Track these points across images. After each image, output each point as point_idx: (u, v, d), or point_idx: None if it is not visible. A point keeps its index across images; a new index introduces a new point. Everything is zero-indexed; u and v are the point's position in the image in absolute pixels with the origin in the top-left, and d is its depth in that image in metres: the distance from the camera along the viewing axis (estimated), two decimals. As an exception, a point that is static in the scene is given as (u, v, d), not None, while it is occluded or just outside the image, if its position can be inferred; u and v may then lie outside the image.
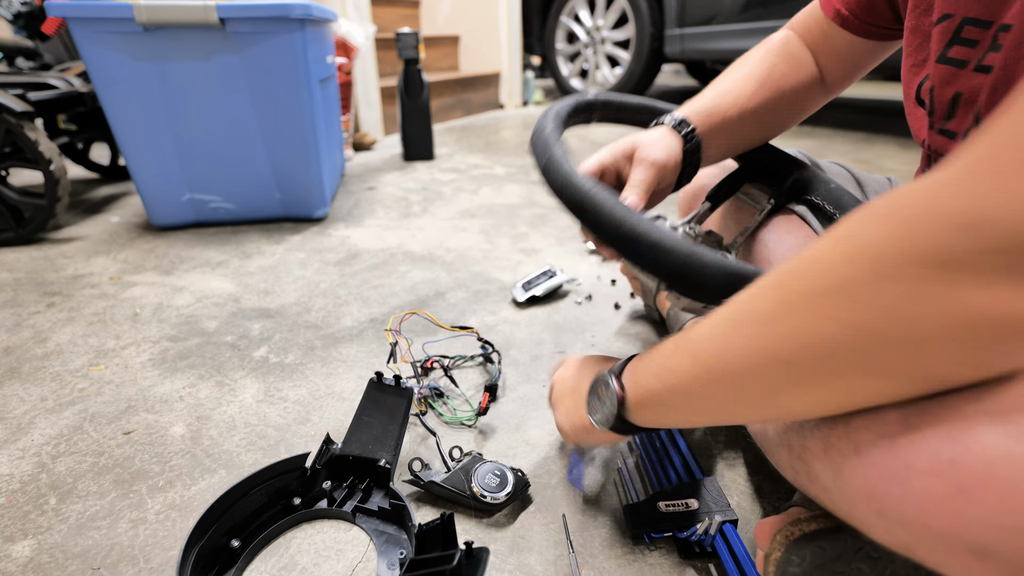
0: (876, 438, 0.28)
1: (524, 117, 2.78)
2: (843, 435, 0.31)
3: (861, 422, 0.30)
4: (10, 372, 0.72)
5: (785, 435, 0.39)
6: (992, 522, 0.22)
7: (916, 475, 0.25)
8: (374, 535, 0.48)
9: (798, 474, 0.37)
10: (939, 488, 0.24)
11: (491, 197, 1.47)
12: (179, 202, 1.21)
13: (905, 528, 0.26)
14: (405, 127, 1.85)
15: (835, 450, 0.31)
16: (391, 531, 0.48)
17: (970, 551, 0.24)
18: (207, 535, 0.44)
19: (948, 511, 0.24)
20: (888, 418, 0.28)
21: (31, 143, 1.06)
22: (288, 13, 1.03)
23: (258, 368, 0.73)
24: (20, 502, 0.52)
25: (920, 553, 0.27)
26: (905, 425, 0.27)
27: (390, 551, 0.46)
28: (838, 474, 0.31)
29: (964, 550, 0.24)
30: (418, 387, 0.65)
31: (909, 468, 0.26)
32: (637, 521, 0.48)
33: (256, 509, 0.49)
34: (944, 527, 0.24)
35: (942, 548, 0.25)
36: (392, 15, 2.64)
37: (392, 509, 0.49)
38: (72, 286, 0.96)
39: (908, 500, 0.26)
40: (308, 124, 1.17)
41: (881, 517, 0.28)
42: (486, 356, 0.73)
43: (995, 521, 0.22)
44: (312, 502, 0.50)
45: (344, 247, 1.14)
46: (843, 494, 0.31)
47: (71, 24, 1.00)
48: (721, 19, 2.27)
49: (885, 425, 0.28)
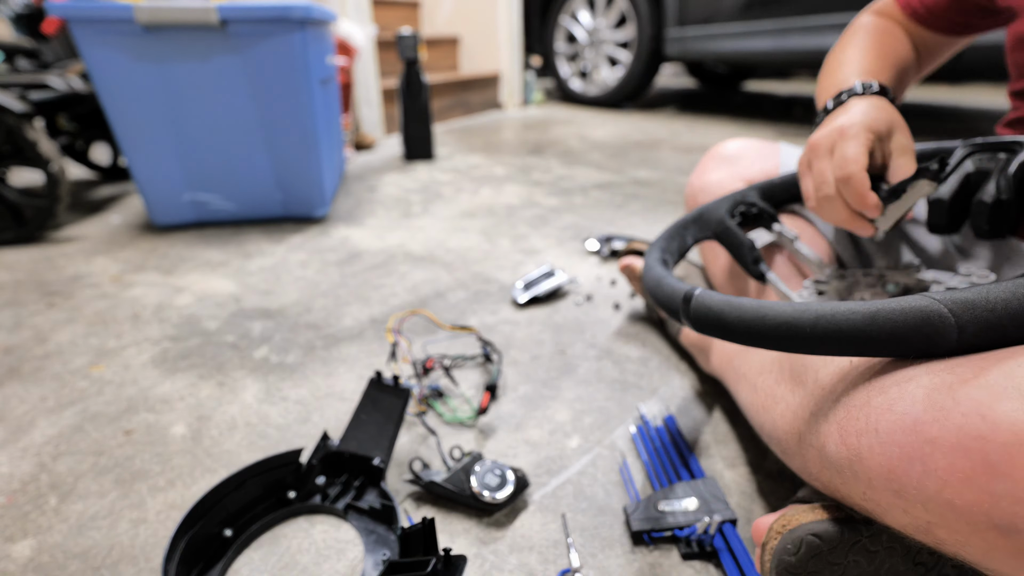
0: (898, 418, 0.28)
1: (524, 117, 2.78)
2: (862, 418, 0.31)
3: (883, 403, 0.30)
4: (10, 372, 0.72)
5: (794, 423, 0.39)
6: (1020, 497, 0.22)
7: (940, 452, 0.25)
8: (364, 533, 0.48)
9: (807, 462, 0.37)
10: (965, 464, 0.24)
11: (491, 197, 1.47)
12: (180, 202, 1.21)
13: (925, 507, 0.26)
14: (405, 127, 1.86)
15: (852, 433, 0.31)
16: (380, 531, 0.48)
17: (995, 527, 0.23)
18: (199, 523, 0.45)
19: (974, 487, 0.24)
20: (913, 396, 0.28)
21: (31, 143, 1.06)
22: (288, 14, 1.03)
23: (259, 368, 0.73)
24: (20, 502, 0.52)
25: (940, 533, 0.26)
26: (930, 403, 0.27)
27: (377, 550, 0.47)
28: (855, 456, 0.31)
29: (989, 526, 0.24)
30: (418, 387, 0.65)
31: (933, 445, 0.26)
32: (637, 521, 0.48)
33: (250, 501, 0.49)
34: (968, 503, 0.24)
35: (965, 525, 0.25)
36: (392, 16, 2.64)
37: (382, 509, 0.49)
38: (72, 286, 0.96)
39: (931, 477, 0.26)
40: (308, 124, 1.17)
41: (900, 497, 0.28)
42: (486, 356, 0.73)
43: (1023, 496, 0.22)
44: (306, 497, 0.51)
45: (345, 247, 1.14)
46: (859, 476, 0.31)
47: (71, 25, 1.00)
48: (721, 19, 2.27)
49: (909, 404, 0.28)
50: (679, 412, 0.64)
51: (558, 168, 1.77)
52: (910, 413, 0.28)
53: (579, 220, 1.28)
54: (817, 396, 0.37)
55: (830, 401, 0.35)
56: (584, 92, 3.01)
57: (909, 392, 0.29)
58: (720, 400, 0.66)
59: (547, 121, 2.63)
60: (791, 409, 0.40)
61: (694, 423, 0.63)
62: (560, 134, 2.29)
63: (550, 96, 3.43)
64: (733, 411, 0.64)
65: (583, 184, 1.58)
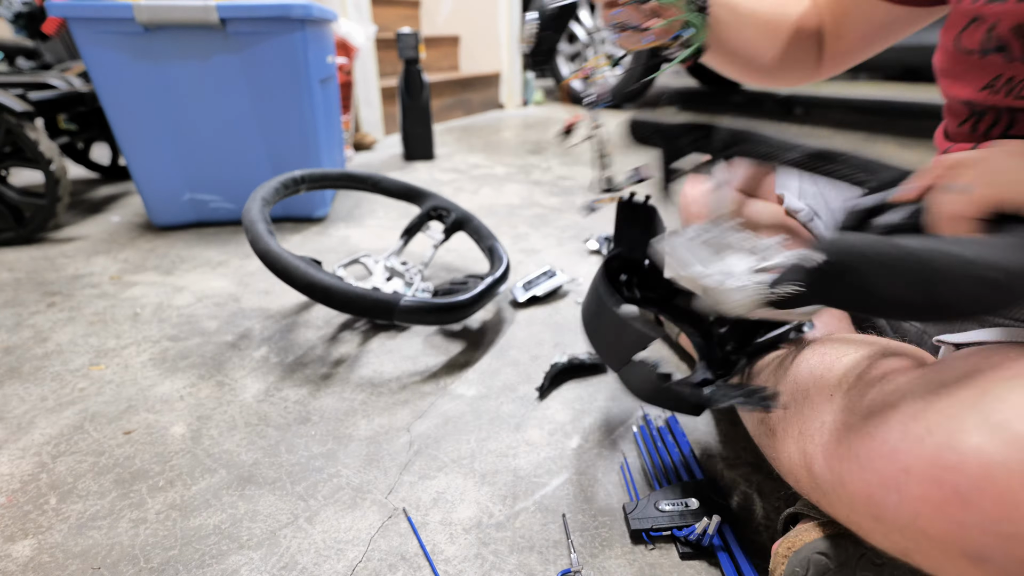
0: (877, 445, 0.29)
1: (524, 117, 2.78)
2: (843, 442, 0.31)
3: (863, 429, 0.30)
4: (10, 372, 0.72)
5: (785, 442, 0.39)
6: (989, 528, 0.23)
7: (914, 481, 0.26)
8: None
9: (799, 480, 0.37)
10: (937, 494, 0.25)
11: (491, 197, 1.47)
12: (179, 202, 1.21)
13: (902, 533, 0.27)
14: (405, 127, 1.86)
15: (835, 457, 0.32)
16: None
17: (966, 556, 0.24)
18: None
19: (945, 516, 0.24)
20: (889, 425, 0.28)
21: (31, 143, 1.06)
22: (288, 13, 1.03)
23: (258, 368, 0.73)
24: (20, 502, 0.52)
25: (917, 558, 0.27)
26: (905, 432, 0.27)
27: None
28: (838, 480, 0.31)
29: (960, 555, 0.24)
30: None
31: (907, 474, 0.26)
32: (636, 519, 0.48)
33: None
34: (941, 532, 0.24)
35: (938, 553, 0.25)
36: (392, 15, 2.64)
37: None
38: (72, 286, 0.96)
39: (905, 505, 0.26)
40: (308, 124, 1.17)
41: (879, 522, 0.28)
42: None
43: (992, 527, 0.23)
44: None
45: (344, 247, 1.14)
46: (842, 499, 0.31)
47: (71, 24, 1.00)
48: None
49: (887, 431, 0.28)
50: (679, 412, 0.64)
51: (558, 168, 1.77)
52: (888, 441, 0.28)
53: (579, 220, 1.28)
54: (806, 415, 0.37)
55: (816, 423, 0.35)
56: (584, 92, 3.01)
57: (887, 419, 0.29)
58: (720, 400, 0.66)
59: (547, 121, 2.63)
60: (783, 426, 0.40)
61: (695, 423, 0.63)
62: (560, 134, 2.29)
63: (550, 96, 3.43)
64: (733, 411, 0.64)
65: (583, 184, 1.58)
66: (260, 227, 0.70)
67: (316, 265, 0.72)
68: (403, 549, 0.48)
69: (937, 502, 0.24)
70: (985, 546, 0.23)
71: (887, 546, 0.29)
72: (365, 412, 0.65)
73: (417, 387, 0.69)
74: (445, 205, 0.96)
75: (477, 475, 0.55)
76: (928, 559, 0.26)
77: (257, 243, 0.68)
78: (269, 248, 0.67)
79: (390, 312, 0.66)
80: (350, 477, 0.55)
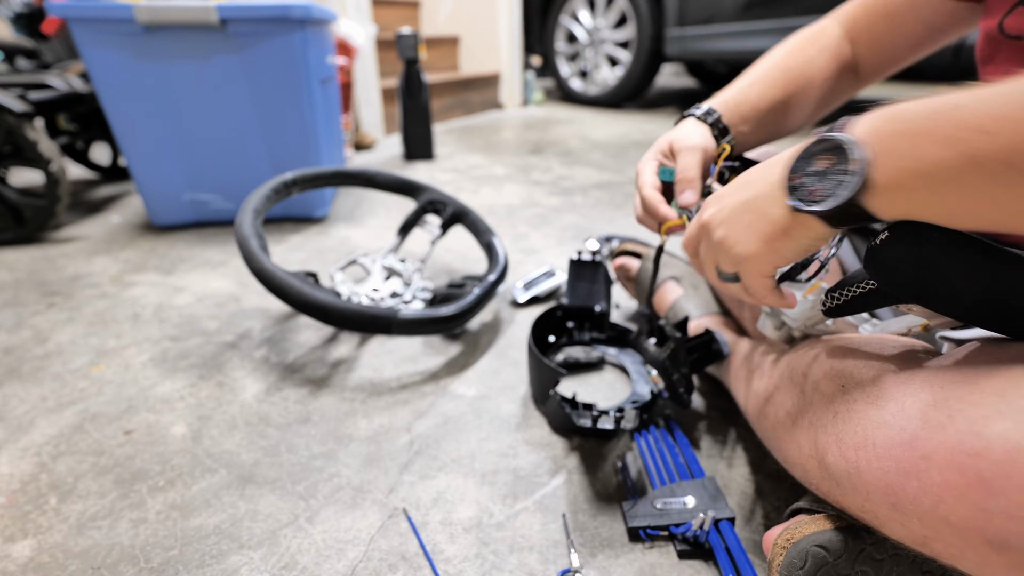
0: (895, 432, 0.28)
1: (524, 117, 2.78)
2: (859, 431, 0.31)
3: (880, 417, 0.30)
4: (10, 372, 0.72)
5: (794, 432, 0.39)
6: (1014, 514, 0.23)
7: (936, 468, 0.26)
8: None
9: (808, 472, 0.37)
10: (959, 481, 0.25)
11: (491, 197, 1.47)
12: (179, 202, 1.21)
13: (922, 521, 0.27)
14: (405, 127, 1.86)
15: (851, 446, 0.32)
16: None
17: (988, 543, 0.24)
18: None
19: (968, 503, 0.24)
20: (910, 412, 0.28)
21: (31, 143, 1.06)
22: (288, 14, 1.03)
23: (259, 368, 0.73)
24: (20, 502, 0.52)
25: (936, 546, 0.27)
26: (925, 419, 0.27)
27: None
28: (854, 468, 0.31)
29: (982, 542, 0.24)
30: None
31: (928, 461, 0.26)
32: (634, 517, 0.48)
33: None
34: (963, 519, 0.24)
35: (959, 540, 0.25)
36: (392, 15, 2.64)
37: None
38: (72, 286, 0.96)
39: (926, 493, 0.26)
40: (308, 124, 1.17)
41: (896, 511, 0.28)
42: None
43: (1016, 513, 0.23)
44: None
45: (344, 247, 1.14)
46: (857, 488, 0.31)
47: (71, 24, 1.00)
48: (721, 19, 2.27)
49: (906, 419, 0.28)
50: (680, 411, 0.64)
51: (558, 168, 1.77)
52: (907, 428, 0.28)
53: (579, 220, 1.28)
54: (817, 405, 0.37)
55: (829, 413, 0.35)
56: (584, 92, 3.01)
57: (906, 407, 0.29)
58: (720, 400, 0.66)
59: (547, 121, 2.62)
60: (791, 417, 0.40)
61: (695, 423, 0.63)
62: (560, 134, 2.29)
63: (550, 96, 3.43)
64: (733, 411, 0.64)
65: (583, 184, 1.58)
66: (253, 243, 0.69)
67: (311, 280, 0.72)
68: (403, 549, 0.48)
69: (960, 489, 0.24)
70: (1009, 533, 0.23)
71: (904, 535, 0.29)
72: (365, 412, 0.65)
73: (417, 387, 0.69)
74: (441, 198, 0.95)
75: (477, 475, 0.56)
76: (948, 547, 0.26)
77: (251, 261, 0.68)
78: (263, 267, 0.67)
79: (388, 326, 0.66)
80: (350, 477, 0.55)
